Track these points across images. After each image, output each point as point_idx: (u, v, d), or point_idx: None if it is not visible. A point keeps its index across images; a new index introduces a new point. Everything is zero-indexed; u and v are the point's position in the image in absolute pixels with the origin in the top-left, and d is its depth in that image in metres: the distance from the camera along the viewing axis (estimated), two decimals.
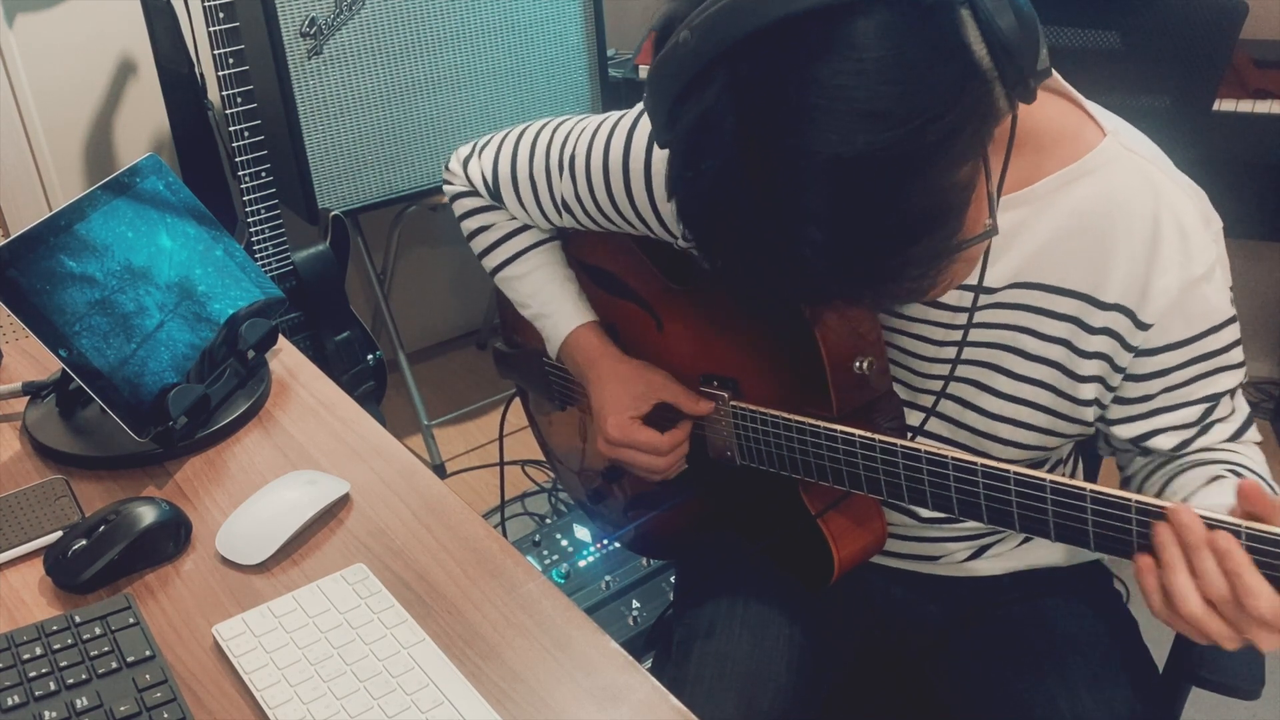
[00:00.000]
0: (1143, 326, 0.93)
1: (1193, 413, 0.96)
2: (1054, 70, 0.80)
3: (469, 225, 1.22)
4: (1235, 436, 0.98)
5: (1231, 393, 0.97)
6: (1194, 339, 0.93)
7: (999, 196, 0.79)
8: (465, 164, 1.18)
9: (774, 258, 0.73)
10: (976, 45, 0.71)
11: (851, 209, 0.69)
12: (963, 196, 0.73)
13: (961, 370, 1.00)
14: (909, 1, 0.68)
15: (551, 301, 1.19)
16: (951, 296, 0.97)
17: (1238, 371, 0.96)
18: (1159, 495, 0.97)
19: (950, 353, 1.00)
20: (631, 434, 1.10)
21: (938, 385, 1.02)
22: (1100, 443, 1.07)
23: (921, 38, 0.68)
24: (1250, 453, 0.98)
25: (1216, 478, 0.92)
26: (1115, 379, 0.96)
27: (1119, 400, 0.98)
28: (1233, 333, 0.95)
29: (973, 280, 0.94)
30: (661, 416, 1.12)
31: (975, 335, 0.97)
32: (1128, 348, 0.94)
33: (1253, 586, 0.74)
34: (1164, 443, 0.97)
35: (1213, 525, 0.76)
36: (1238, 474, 0.92)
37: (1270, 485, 0.93)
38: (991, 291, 0.95)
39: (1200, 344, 0.94)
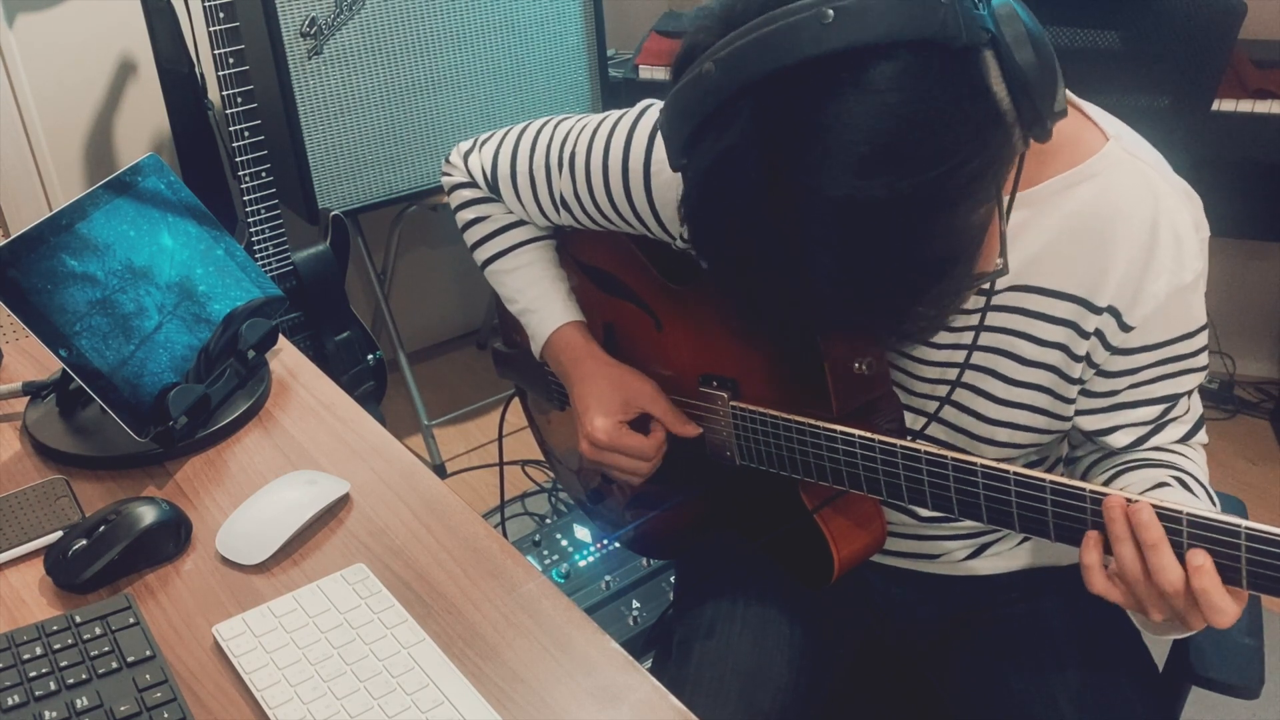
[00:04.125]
0: (1125, 328, 0.93)
1: (1152, 411, 0.98)
2: None
3: (464, 216, 1.22)
4: (1185, 438, 1.00)
5: (1189, 393, 0.99)
6: (1168, 343, 0.95)
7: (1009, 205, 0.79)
8: (465, 157, 1.18)
9: (789, 291, 0.74)
10: (998, 87, 0.71)
11: (869, 250, 0.70)
12: (978, 237, 0.74)
13: (961, 375, 1.00)
14: (934, 46, 0.68)
15: (540, 298, 1.19)
16: None
17: (1200, 375, 0.98)
18: (1105, 485, 0.99)
19: (950, 356, 1.00)
20: (618, 440, 1.10)
21: (937, 389, 1.02)
22: None
23: (945, 84, 0.68)
24: (1195, 456, 1.00)
25: (1162, 484, 0.92)
26: (1089, 374, 0.97)
27: (1085, 393, 0.99)
28: (1203, 339, 0.96)
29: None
30: (644, 419, 1.12)
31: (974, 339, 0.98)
32: (1107, 346, 0.95)
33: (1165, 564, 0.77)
34: (1120, 439, 0.99)
35: (1213, 524, 0.76)
36: (1184, 483, 0.93)
37: (1207, 490, 0.95)
38: (990, 294, 0.95)
39: (1173, 348, 0.95)
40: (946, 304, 0.76)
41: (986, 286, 0.94)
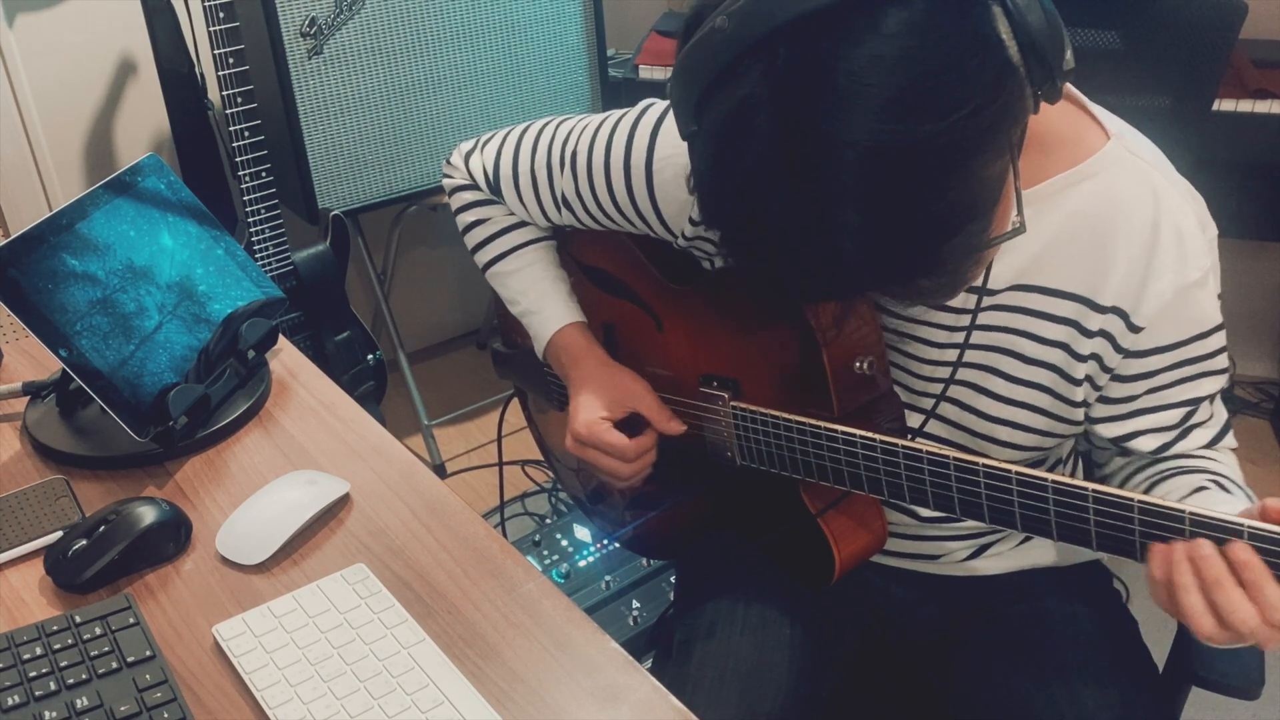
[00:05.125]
0: (1134, 329, 0.93)
1: (1173, 415, 0.97)
2: None
3: (465, 218, 1.22)
4: (1213, 442, 0.99)
5: (1211, 398, 0.98)
6: (1182, 344, 0.94)
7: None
8: (467, 158, 1.18)
9: (808, 250, 0.73)
10: (1008, 40, 0.71)
11: (890, 197, 0.70)
12: (995, 192, 0.74)
13: (960, 373, 1.00)
14: None
15: (541, 299, 1.19)
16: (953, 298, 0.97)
17: (1220, 377, 0.97)
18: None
19: (951, 355, 1.00)
20: (598, 435, 1.10)
21: (937, 388, 1.02)
22: (1080, 438, 1.08)
23: (958, 30, 0.69)
24: (1227, 460, 0.99)
25: (1200, 488, 0.92)
26: (1103, 379, 0.97)
27: (1103, 400, 0.98)
28: (1219, 340, 0.95)
29: (976, 282, 0.94)
30: (636, 423, 1.12)
31: (974, 338, 0.98)
32: (1118, 349, 0.94)
33: (1273, 599, 0.74)
34: (1145, 444, 0.98)
35: (1219, 525, 0.76)
36: (1221, 485, 0.92)
37: (1245, 491, 0.94)
38: (992, 293, 0.95)
39: (1187, 349, 0.94)
40: (963, 262, 0.76)
41: (985, 286, 0.94)
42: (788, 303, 0.97)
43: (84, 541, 0.95)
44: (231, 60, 1.89)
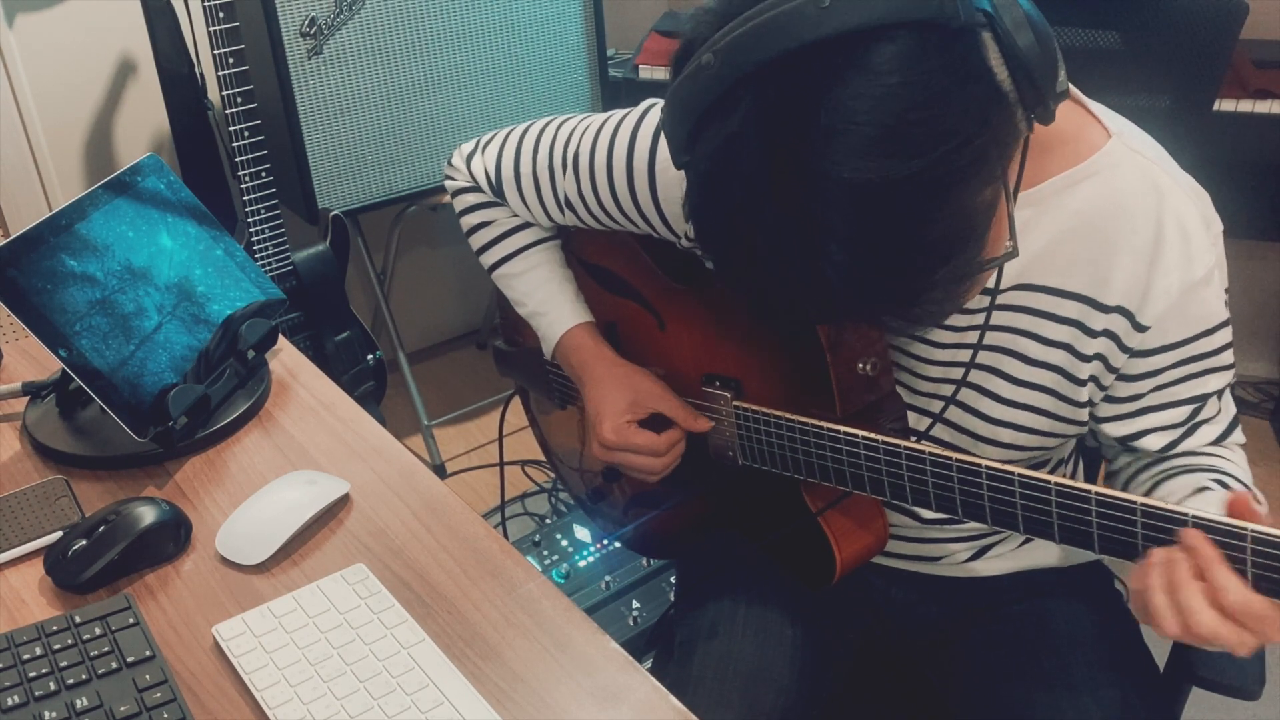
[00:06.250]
0: (1140, 328, 0.93)
1: (1180, 413, 0.97)
2: None
3: (469, 221, 1.22)
4: (1221, 439, 0.99)
5: (1219, 393, 0.97)
6: (1188, 341, 0.94)
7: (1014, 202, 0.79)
8: (468, 160, 1.18)
9: (796, 280, 0.73)
10: (998, 68, 0.71)
11: (876, 232, 0.70)
12: (985, 219, 0.74)
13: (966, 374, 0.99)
14: (932, 27, 0.68)
15: (549, 300, 1.19)
16: None
17: (1227, 373, 0.97)
18: (1146, 497, 0.97)
19: (955, 355, 1.00)
20: (628, 438, 1.10)
21: (941, 388, 1.02)
22: (1086, 437, 1.07)
23: (945, 63, 0.68)
24: (1234, 457, 0.98)
25: (1203, 488, 0.91)
26: (1108, 379, 0.96)
27: (1109, 399, 0.98)
28: (1225, 335, 0.95)
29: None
30: (656, 418, 1.12)
31: (981, 338, 0.97)
32: (1123, 349, 0.94)
33: (1222, 582, 0.74)
34: (1152, 443, 0.98)
35: (1218, 528, 0.76)
36: (1224, 485, 0.92)
37: (1250, 489, 0.93)
38: (995, 294, 0.95)
39: (1193, 346, 0.94)
40: (954, 289, 0.75)
41: (990, 286, 0.93)
42: (783, 322, 0.97)
43: (84, 541, 0.95)
44: (231, 60, 1.89)
